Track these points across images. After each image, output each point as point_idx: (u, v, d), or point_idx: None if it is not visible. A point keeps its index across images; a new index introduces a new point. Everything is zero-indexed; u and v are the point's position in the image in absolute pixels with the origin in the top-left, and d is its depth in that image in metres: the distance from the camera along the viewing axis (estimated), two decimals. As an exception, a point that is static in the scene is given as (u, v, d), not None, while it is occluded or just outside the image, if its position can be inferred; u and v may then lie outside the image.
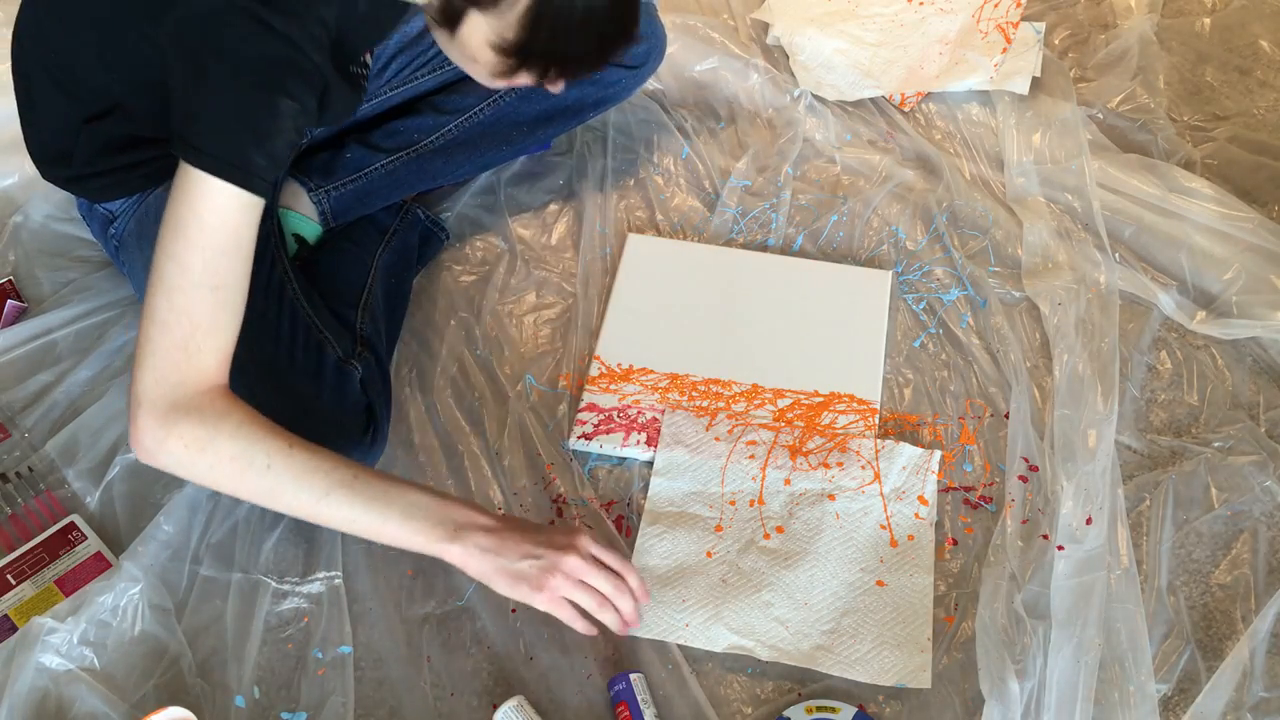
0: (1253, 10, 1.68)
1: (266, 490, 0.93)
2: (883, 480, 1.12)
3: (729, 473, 1.14)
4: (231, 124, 0.88)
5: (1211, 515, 1.11)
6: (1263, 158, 1.46)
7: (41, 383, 1.23)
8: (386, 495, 0.93)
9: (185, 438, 0.90)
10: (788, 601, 1.04)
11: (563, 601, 0.95)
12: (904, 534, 1.09)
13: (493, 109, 1.34)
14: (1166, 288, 1.30)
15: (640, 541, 1.09)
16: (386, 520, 0.93)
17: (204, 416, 0.90)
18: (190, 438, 0.90)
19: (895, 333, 1.29)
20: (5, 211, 1.38)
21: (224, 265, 0.90)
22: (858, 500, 1.11)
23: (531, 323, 1.30)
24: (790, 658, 1.01)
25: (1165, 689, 1.00)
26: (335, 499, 0.92)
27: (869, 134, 1.52)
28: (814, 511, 1.10)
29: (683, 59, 1.57)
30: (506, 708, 0.97)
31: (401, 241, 1.30)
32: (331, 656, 1.03)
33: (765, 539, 1.08)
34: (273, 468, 0.91)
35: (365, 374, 1.09)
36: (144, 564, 1.05)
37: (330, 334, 1.10)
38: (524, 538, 0.95)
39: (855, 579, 1.06)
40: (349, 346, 1.11)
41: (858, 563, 1.06)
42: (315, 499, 0.92)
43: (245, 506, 1.12)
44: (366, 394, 1.08)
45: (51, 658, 1.00)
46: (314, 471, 0.92)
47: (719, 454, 1.15)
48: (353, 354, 1.10)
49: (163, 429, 0.90)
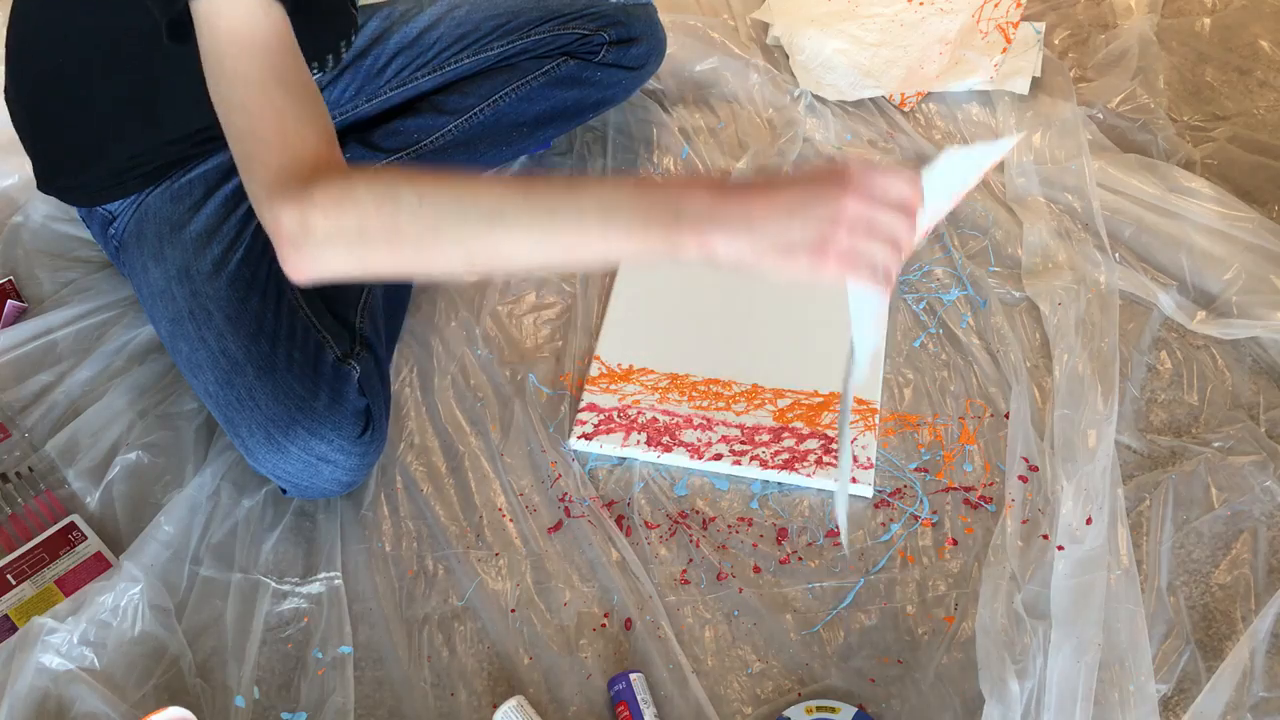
0: (1253, 10, 1.69)
1: (429, 230, 0.77)
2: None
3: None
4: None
5: (1211, 515, 1.11)
6: (1263, 158, 1.46)
7: (41, 383, 1.23)
8: (574, 196, 0.76)
9: (322, 204, 0.78)
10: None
11: (860, 259, 0.74)
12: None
13: (493, 109, 1.34)
14: (1166, 288, 1.30)
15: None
16: (584, 227, 0.74)
17: (331, 179, 0.79)
18: (326, 202, 0.78)
19: (895, 333, 1.29)
20: (5, 211, 1.38)
21: (278, 62, 0.81)
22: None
23: (531, 323, 1.30)
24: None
25: (1165, 689, 1.00)
26: (510, 217, 0.76)
27: (869, 134, 1.52)
28: None
29: (683, 59, 1.57)
30: (506, 708, 0.97)
31: None
32: (331, 656, 1.03)
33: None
34: (425, 198, 0.77)
35: (363, 374, 1.10)
36: (144, 564, 1.05)
37: (329, 334, 1.10)
38: (774, 193, 0.74)
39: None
40: (347, 346, 1.11)
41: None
42: (487, 222, 0.76)
43: (245, 506, 1.12)
44: (364, 394, 1.09)
45: (51, 658, 1.00)
46: (474, 192, 0.78)
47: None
48: (351, 354, 1.10)
49: (298, 211, 0.78)
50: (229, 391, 1.05)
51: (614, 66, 1.35)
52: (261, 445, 1.03)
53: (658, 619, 1.05)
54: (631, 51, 1.36)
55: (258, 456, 1.04)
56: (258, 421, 1.03)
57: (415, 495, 1.15)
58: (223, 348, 1.06)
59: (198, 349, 1.07)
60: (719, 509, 1.14)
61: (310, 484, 1.07)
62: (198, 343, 1.07)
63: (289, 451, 1.03)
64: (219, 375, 1.05)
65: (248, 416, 1.03)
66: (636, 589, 1.07)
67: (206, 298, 1.08)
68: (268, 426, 1.03)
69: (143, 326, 1.26)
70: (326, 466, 1.05)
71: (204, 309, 1.08)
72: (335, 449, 1.05)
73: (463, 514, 1.14)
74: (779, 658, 1.04)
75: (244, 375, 1.04)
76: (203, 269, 1.09)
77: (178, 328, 1.09)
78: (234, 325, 1.07)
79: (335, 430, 1.05)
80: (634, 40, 1.36)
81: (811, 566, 1.10)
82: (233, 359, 1.05)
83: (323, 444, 1.04)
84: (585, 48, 1.33)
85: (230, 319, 1.07)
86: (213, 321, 1.07)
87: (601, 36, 1.33)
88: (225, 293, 1.08)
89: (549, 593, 1.08)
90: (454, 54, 1.32)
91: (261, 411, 1.03)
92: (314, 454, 1.04)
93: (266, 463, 1.04)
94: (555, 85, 1.35)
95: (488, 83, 1.33)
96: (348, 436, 1.06)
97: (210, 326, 1.07)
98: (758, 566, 1.10)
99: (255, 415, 1.03)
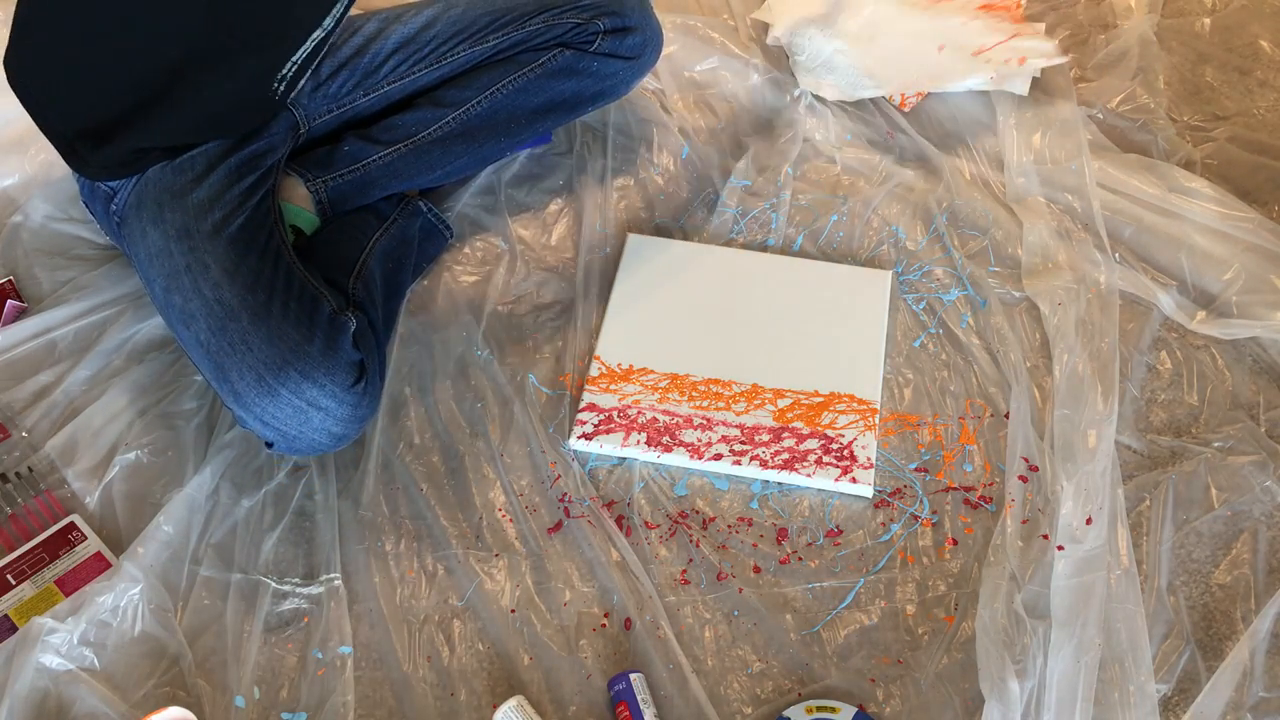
0: (1253, 10, 1.68)
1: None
2: None
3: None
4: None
5: (1211, 515, 1.11)
6: (1263, 158, 1.46)
7: (41, 383, 1.23)
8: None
9: None
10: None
11: None
12: None
13: (490, 101, 1.34)
14: (1166, 288, 1.30)
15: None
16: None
17: None
18: None
19: (895, 333, 1.29)
20: (5, 211, 1.38)
21: None
22: None
23: (531, 323, 1.30)
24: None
25: (1165, 689, 1.00)
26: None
27: (869, 134, 1.52)
28: None
29: (683, 59, 1.57)
30: (506, 708, 0.97)
31: (401, 230, 1.31)
32: (331, 656, 1.03)
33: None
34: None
35: (358, 330, 1.10)
36: (144, 564, 1.05)
37: (325, 291, 1.12)
38: None
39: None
40: (342, 304, 1.13)
41: None
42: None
43: (245, 506, 1.12)
44: (359, 348, 1.09)
45: (51, 658, 1.00)
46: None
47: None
48: (347, 309, 1.11)
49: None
50: (222, 338, 1.05)
51: (610, 56, 1.35)
52: (252, 388, 1.03)
53: (657, 619, 1.05)
54: (627, 41, 1.36)
55: (247, 401, 1.04)
56: (249, 364, 1.03)
57: (415, 495, 1.15)
58: (218, 296, 1.07)
59: (191, 299, 1.07)
60: (719, 509, 1.14)
61: (299, 433, 1.06)
62: (192, 293, 1.08)
63: (279, 395, 1.03)
64: (212, 323, 1.06)
65: (239, 360, 1.04)
66: (636, 589, 1.07)
67: (205, 253, 1.09)
68: (259, 369, 1.03)
69: (142, 324, 1.26)
70: (317, 414, 1.05)
71: (201, 263, 1.09)
72: (327, 395, 1.04)
73: (462, 514, 1.14)
74: (779, 658, 1.04)
75: (238, 321, 1.04)
76: (203, 229, 1.10)
77: (173, 282, 1.09)
78: (230, 277, 1.08)
79: (328, 375, 1.04)
80: (629, 30, 1.36)
81: (811, 566, 1.10)
82: (228, 306, 1.06)
83: (314, 388, 1.04)
84: (580, 37, 1.34)
85: (227, 271, 1.08)
86: (209, 274, 1.08)
87: (596, 25, 1.34)
88: (224, 250, 1.09)
89: (549, 593, 1.08)
90: (451, 48, 1.33)
91: (254, 354, 1.03)
92: (305, 398, 1.04)
93: (256, 407, 1.04)
94: (552, 77, 1.36)
95: (485, 75, 1.34)
96: (341, 384, 1.05)
97: (207, 278, 1.08)
98: (758, 566, 1.10)
99: (248, 358, 1.03)
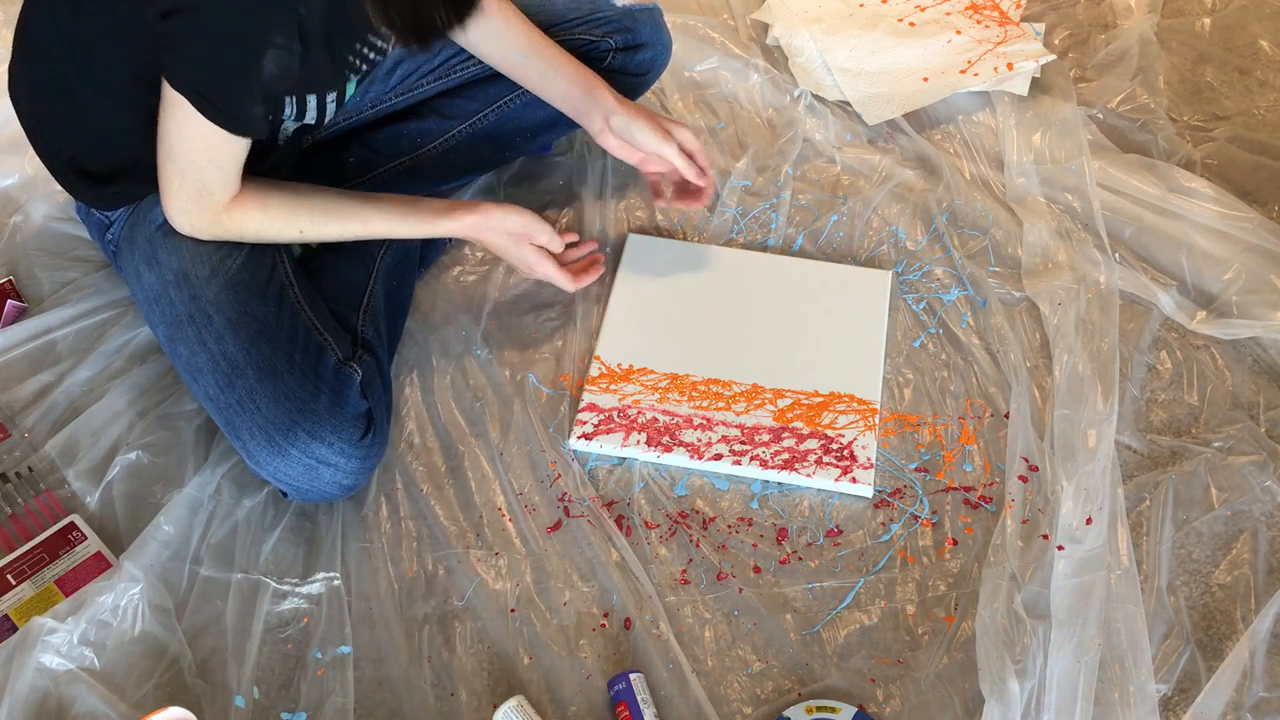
0: (1253, 10, 1.69)
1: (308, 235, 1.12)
2: None
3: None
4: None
5: (1211, 515, 1.11)
6: (1263, 158, 1.46)
7: (41, 383, 1.23)
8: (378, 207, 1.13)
9: (226, 229, 1.09)
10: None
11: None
12: None
13: (496, 114, 1.33)
14: (1166, 288, 1.30)
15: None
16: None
17: (229, 233, 1.09)
18: (231, 227, 1.09)
19: (895, 333, 1.29)
20: (5, 211, 1.38)
21: (220, 152, 1.01)
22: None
23: (531, 323, 1.30)
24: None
25: (1165, 689, 1.00)
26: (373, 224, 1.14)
27: (869, 134, 1.52)
28: None
29: (683, 59, 1.57)
30: (506, 708, 0.97)
31: (404, 244, 1.30)
32: (331, 656, 1.03)
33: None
34: (305, 233, 1.12)
35: (365, 377, 1.09)
36: (144, 564, 1.05)
37: (330, 336, 1.10)
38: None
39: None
40: (349, 349, 1.11)
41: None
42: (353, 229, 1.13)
43: (245, 506, 1.12)
44: (365, 397, 1.09)
45: (51, 658, 1.00)
46: (342, 215, 1.13)
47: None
48: (353, 356, 1.10)
49: (207, 230, 1.09)
50: (229, 395, 1.05)
51: (620, 73, 1.33)
52: (262, 448, 1.03)
53: (657, 619, 1.05)
54: (637, 58, 1.34)
55: (259, 459, 1.04)
56: (258, 425, 1.03)
57: (415, 495, 1.15)
58: (223, 350, 1.06)
59: (197, 353, 1.07)
60: (719, 509, 1.14)
61: (311, 487, 1.07)
62: (197, 346, 1.07)
63: (289, 454, 1.03)
64: (219, 379, 1.05)
65: (249, 420, 1.04)
66: (636, 589, 1.07)
67: (206, 301, 1.08)
68: (268, 429, 1.03)
69: (142, 327, 1.26)
70: (327, 470, 1.05)
71: (204, 313, 1.07)
72: (336, 452, 1.05)
73: (462, 514, 1.14)
74: (779, 658, 1.04)
75: (245, 378, 1.04)
76: (201, 273, 1.09)
77: (176, 331, 1.09)
78: (234, 328, 1.06)
79: (336, 433, 1.04)
80: (640, 46, 1.34)
81: (811, 566, 1.10)
82: (233, 362, 1.05)
83: (323, 447, 1.04)
84: (591, 54, 1.31)
85: (231, 322, 1.07)
86: (212, 325, 1.07)
87: (608, 43, 1.32)
88: (225, 295, 1.08)
89: (549, 593, 1.08)
90: (460, 60, 1.31)
91: (263, 414, 1.03)
92: (314, 457, 1.04)
93: (267, 466, 1.04)
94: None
95: (492, 88, 1.32)
96: (348, 440, 1.06)
97: (210, 330, 1.07)
98: (758, 566, 1.10)
99: (256, 419, 1.03)
